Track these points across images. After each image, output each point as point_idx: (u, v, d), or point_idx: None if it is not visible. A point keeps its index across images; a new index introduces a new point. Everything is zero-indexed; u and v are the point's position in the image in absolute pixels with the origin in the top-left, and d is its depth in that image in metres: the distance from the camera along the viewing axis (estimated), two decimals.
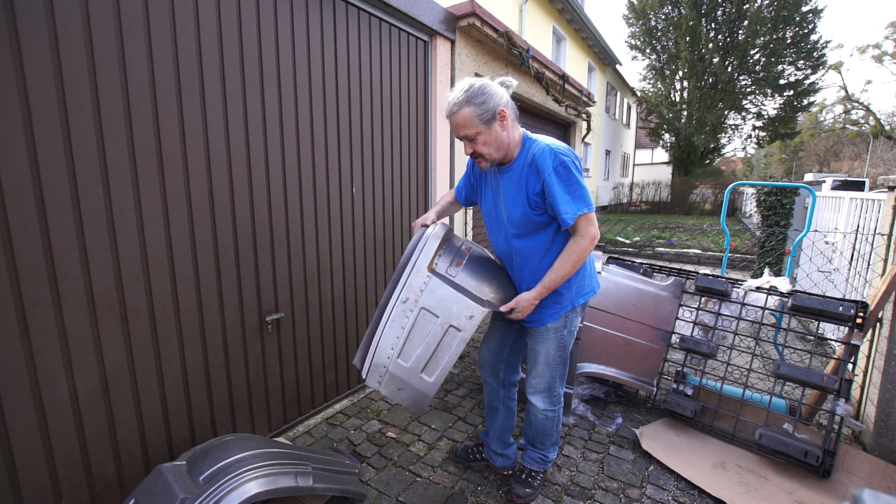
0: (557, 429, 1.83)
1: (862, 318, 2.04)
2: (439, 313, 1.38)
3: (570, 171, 1.44)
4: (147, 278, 1.62)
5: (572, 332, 1.69)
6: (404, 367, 1.40)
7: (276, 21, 1.97)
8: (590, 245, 1.48)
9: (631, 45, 17.78)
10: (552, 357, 1.68)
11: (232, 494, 1.28)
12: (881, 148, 25.29)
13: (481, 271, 1.58)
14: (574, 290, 1.63)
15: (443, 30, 3.07)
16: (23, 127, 1.28)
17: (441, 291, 1.40)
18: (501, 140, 1.48)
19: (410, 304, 1.41)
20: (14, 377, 1.32)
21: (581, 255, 1.48)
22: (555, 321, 1.63)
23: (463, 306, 1.38)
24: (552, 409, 1.76)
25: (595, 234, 1.48)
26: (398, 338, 1.41)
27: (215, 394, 1.91)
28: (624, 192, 18.90)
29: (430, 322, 1.38)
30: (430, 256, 1.46)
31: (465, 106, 1.43)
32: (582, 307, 1.69)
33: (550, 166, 1.43)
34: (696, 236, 9.35)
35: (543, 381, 1.72)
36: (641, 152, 29.42)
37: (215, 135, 1.78)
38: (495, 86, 1.47)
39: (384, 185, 2.75)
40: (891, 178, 2.20)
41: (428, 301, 1.39)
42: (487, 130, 1.45)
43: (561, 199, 1.43)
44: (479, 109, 1.43)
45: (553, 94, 4.93)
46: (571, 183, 1.44)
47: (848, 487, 1.86)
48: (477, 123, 1.44)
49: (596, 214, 1.51)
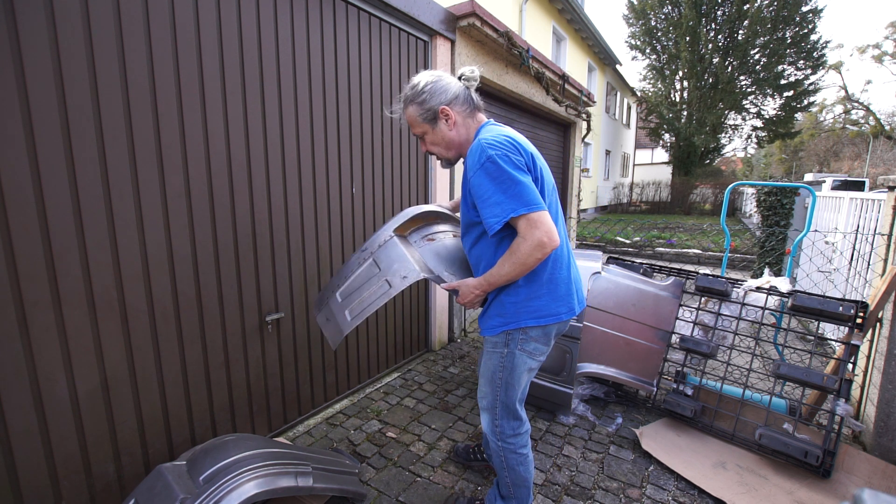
0: (513, 476, 1.53)
1: (862, 318, 2.04)
2: (382, 266, 1.47)
3: (499, 166, 1.21)
4: (147, 278, 1.62)
5: (518, 356, 1.40)
6: (338, 302, 1.53)
7: (276, 21, 1.97)
8: (534, 251, 1.20)
9: (631, 45, 17.78)
10: (493, 376, 1.45)
11: (232, 494, 1.28)
12: (881, 148, 25.28)
13: (451, 256, 1.60)
14: (521, 308, 1.35)
15: (443, 30, 3.07)
16: (23, 127, 1.28)
17: (394, 251, 1.48)
18: (449, 139, 1.38)
19: (366, 254, 1.53)
20: (14, 377, 1.32)
21: (521, 260, 1.23)
22: (493, 335, 1.42)
23: (402, 266, 1.43)
24: (495, 440, 1.51)
25: (539, 239, 1.19)
26: (345, 277, 1.56)
27: (215, 394, 1.91)
28: (624, 192, 18.91)
29: (373, 272, 1.49)
30: (400, 223, 1.56)
31: (409, 105, 1.37)
32: (542, 331, 1.39)
33: (478, 163, 1.24)
34: (696, 236, 9.35)
35: (486, 400, 1.51)
36: (641, 152, 29.42)
37: (215, 135, 1.78)
38: (444, 81, 1.35)
39: (384, 185, 2.75)
40: (891, 178, 2.20)
41: (379, 255, 1.51)
42: (432, 130, 1.38)
43: (487, 201, 1.23)
44: (421, 109, 1.35)
45: (553, 94, 4.93)
46: (503, 179, 1.21)
47: (848, 487, 1.86)
48: (421, 122, 1.37)
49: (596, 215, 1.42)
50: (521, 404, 1.53)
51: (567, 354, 2.37)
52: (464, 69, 1.40)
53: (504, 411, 1.48)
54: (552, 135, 6.23)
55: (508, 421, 1.49)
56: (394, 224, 1.55)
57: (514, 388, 1.45)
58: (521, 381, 1.46)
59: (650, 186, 18.00)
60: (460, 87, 1.38)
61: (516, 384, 1.45)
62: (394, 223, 1.56)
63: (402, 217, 1.58)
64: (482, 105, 1.44)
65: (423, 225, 1.67)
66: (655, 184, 17.81)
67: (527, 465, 1.54)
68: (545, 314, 1.37)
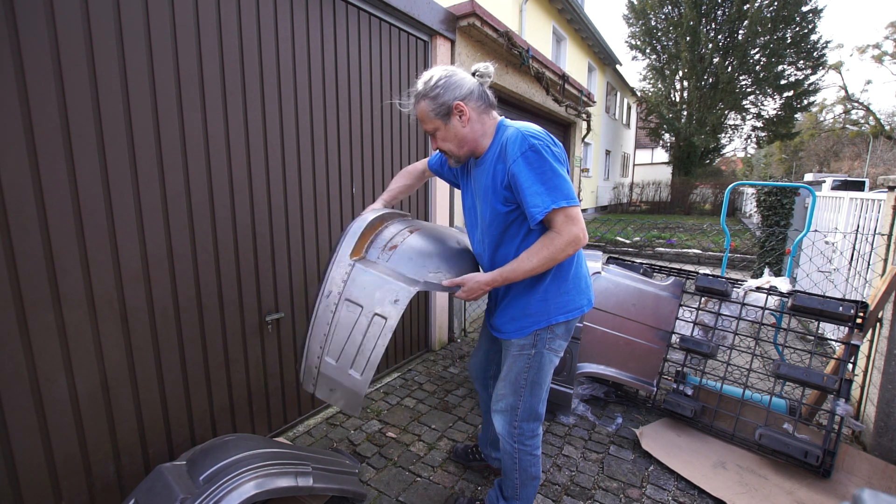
0: (523, 476, 1.50)
1: (862, 318, 2.04)
2: (363, 302, 1.28)
3: (542, 157, 1.21)
4: (147, 278, 1.62)
5: (546, 356, 1.40)
6: (333, 366, 1.32)
7: (276, 21, 1.97)
8: (567, 246, 1.22)
9: (631, 45, 17.78)
10: (517, 379, 1.43)
11: (232, 494, 1.28)
12: (881, 148, 25.28)
13: (425, 251, 1.42)
14: (551, 305, 1.36)
15: (443, 30, 3.07)
16: (23, 127, 1.28)
17: (364, 278, 1.30)
18: (462, 136, 1.34)
19: (334, 298, 1.33)
20: (14, 377, 1.32)
21: (552, 255, 1.23)
22: (521, 337, 1.39)
23: (386, 291, 1.26)
24: (511, 442, 1.48)
25: (577, 234, 1.21)
26: (324, 335, 1.34)
27: (215, 394, 1.91)
28: (624, 192, 18.90)
29: (354, 313, 1.29)
30: (352, 245, 1.38)
31: (422, 100, 1.34)
32: (565, 327, 1.40)
33: (518, 151, 1.22)
34: (696, 236, 9.35)
35: (504, 402, 1.47)
36: (641, 152, 29.42)
37: (215, 135, 1.78)
38: (458, 76, 1.32)
39: (384, 185, 2.75)
40: (891, 178, 2.20)
41: (350, 291, 1.31)
42: (445, 126, 1.33)
43: (529, 190, 1.21)
44: (434, 104, 1.31)
45: (553, 94, 4.93)
46: (545, 170, 1.21)
47: (848, 487, 1.86)
48: (434, 118, 1.33)
49: (596, 215, 1.42)
50: (544, 406, 1.51)
51: (567, 354, 2.37)
52: (478, 65, 1.36)
53: (526, 413, 1.46)
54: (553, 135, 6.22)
55: (529, 423, 1.47)
56: (346, 250, 1.37)
57: (541, 388, 1.44)
58: (548, 379, 1.45)
59: (650, 186, 18.00)
60: (475, 82, 1.35)
61: (543, 383, 1.44)
62: (346, 250, 1.37)
63: (352, 238, 1.40)
64: (496, 102, 1.40)
65: (374, 236, 1.47)
66: (655, 184, 17.81)
67: (537, 467, 1.53)
68: (573, 308, 1.39)
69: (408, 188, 1.76)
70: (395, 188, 1.73)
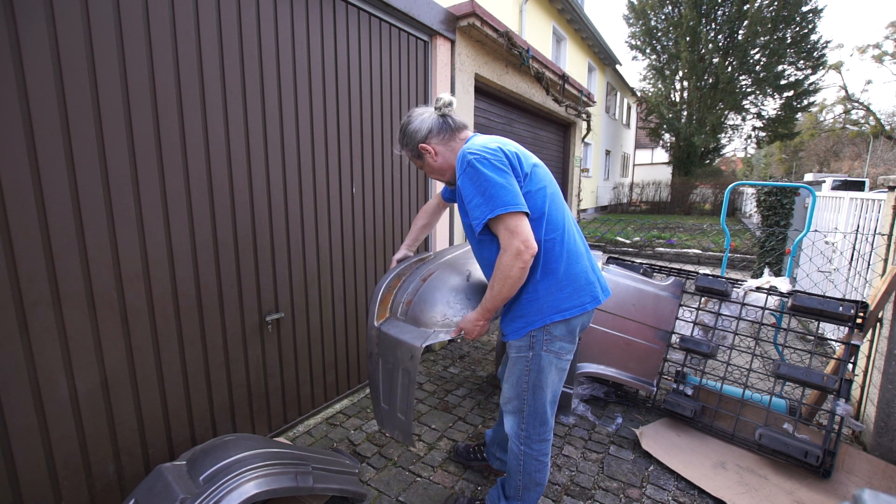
0: (527, 480, 1.52)
1: (862, 318, 2.04)
2: (391, 360, 1.54)
3: (477, 170, 1.25)
4: (147, 278, 1.62)
5: (545, 358, 1.39)
6: (387, 410, 1.62)
7: (276, 21, 1.97)
8: (513, 261, 1.22)
9: (631, 45, 17.78)
10: (518, 382, 1.45)
11: (232, 494, 1.28)
12: (881, 148, 25.29)
13: (434, 300, 1.56)
14: (543, 304, 1.35)
15: (443, 30, 3.07)
16: (23, 127, 1.28)
17: (387, 340, 1.54)
18: (437, 167, 1.49)
19: (374, 357, 1.61)
20: (14, 377, 1.32)
21: (505, 274, 1.24)
22: (517, 338, 1.41)
23: (403, 350, 1.48)
24: (518, 444, 1.50)
25: (517, 248, 1.21)
26: (377, 387, 1.64)
27: (215, 394, 1.91)
28: (624, 192, 18.91)
29: (389, 368, 1.56)
30: (376, 310, 1.63)
31: (401, 147, 1.53)
32: (564, 327, 1.38)
33: (461, 169, 1.31)
34: (696, 236, 9.35)
35: (511, 404, 1.50)
36: (641, 152, 29.42)
37: (215, 135, 1.78)
38: (415, 123, 1.45)
39: (384, 185, 2.75)
40: (891, 178, 2.20)
41: (382, 351, 1.58)
42: (422, 163, 1.50)
43: (471, 203, 1.29)
44: (408, 149, 1.50)
45: (553, 94, 4.93)
46: (481, 181, 1.24)
47: (848, 487, 1.86)
48: (415, 158, 1.51)
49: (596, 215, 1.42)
50: (554, 407, 1.50)
51: None
52: (440, 96, 1.45)
53: (532, 416, 1.46)
54: (552, 135, 6.23)
55: (535, 426, 1.47)
56: (373, 316, 1.62)
57: (543, 391, 1.43)
58: (550, 382, 1.44)
59: (650, 186, 18.00)
60: (433, 119, 1.45)
61: (545, 386, 1.43)
62: (372, 316, 1.63)
63: (375, 304, 1.64)
64: (463, 123, 1.50)
65: (395, 294, 1.68)
66: (655, 184, 17.80)
67: (543, 474, 1.53)
68: (569, 306, 1.36)
69: (427, 227, 1.91)
70: (415, 230, 1.89)
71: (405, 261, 1.83)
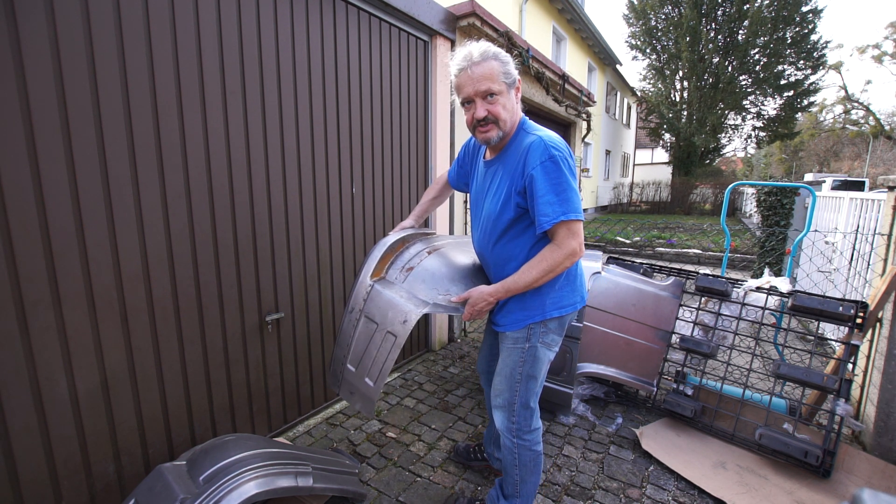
0: (523, 472, 1.52)
1: (862, 318, 2.04)
2: (378, 320, 1.43)
3: (559, 168, 1.26)
4: (147, 278, 1.62)
5: (540, 349, 1.43)
6: (353, 372, 1.49)
7: (276, 21, 1.97)
8: (565, 259, 1.28)
9: (631, 45, 17.78)
10: (512, 373, 1.46)
11: (232, 494, 1.28)
12: (881, 148, 25.30)
13: (438, 273, 1.53)
14: (546, 300, 1.40)
15: (443, 30, 3.07)
16: (23, 127, 1.28)
17: (380, 299, 1.45)
18: (514, 109, 1.37)
19: (356, 314, 1.49)
20: (14, 377, 1.32)
21: (551, 267, 1.29)
22: (515, 330, 1.43)
23: (397, 312, 1.39)
24: (510, 437, 1.51)
25: (575, 249, 1.28)
26: (347, 345, 1.51)
27: (215, 394, 1.91)
28: (624, 192, 18.90)
29: (371, 328, 1.45)
30: (372, 267, 1.53)
31: (493, 60, 1.30)
32: (559, 322, 1.44)
33: (538, 160, 1.27)
34: (696, 236, 9.35)
35: (502, 398, 1.51)
36: (641, 152, 29.42)
37: (215, 135, 1.78)
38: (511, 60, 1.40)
39: (384, 185, 2.75)
40: (891, 178, 2.20)
41: (369, 309, 1.46)
42: (507, 94, 1.34)
43: (543, 199, 1.26)
44: (505, 69, 1.32)
45: (553, 94, 4.93)
46: (560, 181, 1.26)
47: (848, 487, 1.86)
48: (502, 81, 1.31)
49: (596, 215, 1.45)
50: (537, 399, 1.53)
51: (567, 354, 2.37)
52: None
53: (522, 407, 1.49)
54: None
55: (525, 417, 1.50)
56: (368, 271, 1.52)
57: (536, 381, 1.47)
58: (542, 372, 1.48)
59: (650, 186, 17.99)
60: None
61: (538, 376, 1.47)
62: (367, 271, 1.52)
63: (373, 260, 1.54)
64: None
65: (395, 257, 1.61)
66: (655, 184, 17.80)
67: (538, 464, 1.55)
68: (567, 304, 1.44)
69: (436, 200, 1.85)
70: (424, 202, 1.83)
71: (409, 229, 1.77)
